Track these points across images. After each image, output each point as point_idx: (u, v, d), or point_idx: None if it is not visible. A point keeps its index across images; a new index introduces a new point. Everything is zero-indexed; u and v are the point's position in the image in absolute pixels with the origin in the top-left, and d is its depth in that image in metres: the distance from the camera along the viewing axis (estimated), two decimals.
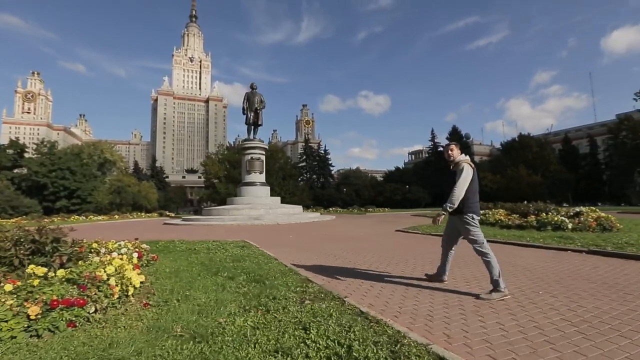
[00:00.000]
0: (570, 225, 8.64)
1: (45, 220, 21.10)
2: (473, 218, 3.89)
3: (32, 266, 3.15)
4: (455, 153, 4.11)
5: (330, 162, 67.48)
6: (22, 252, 4.05)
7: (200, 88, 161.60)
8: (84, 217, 23.31)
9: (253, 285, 3.96)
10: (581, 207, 10.68)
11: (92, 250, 5.17)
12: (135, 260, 4.48)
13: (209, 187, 61.51)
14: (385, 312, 3.24)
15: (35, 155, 47.33)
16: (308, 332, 2.54)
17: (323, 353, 2.19)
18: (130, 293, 3.38)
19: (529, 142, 48.90)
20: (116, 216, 26.20)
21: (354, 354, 2.17)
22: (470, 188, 3.90)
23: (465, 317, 3.12)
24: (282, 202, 52.34)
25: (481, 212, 13.20)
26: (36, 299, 2.65)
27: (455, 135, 55.43)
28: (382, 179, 76.55)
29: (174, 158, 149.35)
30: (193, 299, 3.42)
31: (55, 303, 2.63)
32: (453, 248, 4.36)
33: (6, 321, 2.44)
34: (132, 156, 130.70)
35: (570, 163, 53.54)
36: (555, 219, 8.95)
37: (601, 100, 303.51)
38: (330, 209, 36.08)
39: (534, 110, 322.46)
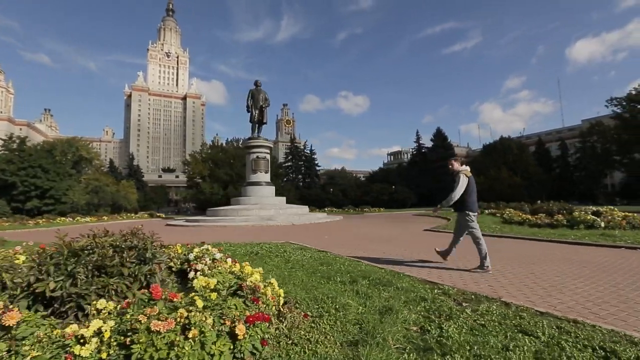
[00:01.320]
0: (602, 224, 9.02)
1: (30, 222, 19.46)
2: (469, 214, 5.17)
3: (201, 277, 2.77)
4: (456, 166, 5.44)
5: (316, 162, 67.36)
6: (128, 260, 3.61)
7: (177, 85, 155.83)
8: (71, 219, 21.65)
9: (390, 289, 3.75)
10: (598, 207, 11.20)
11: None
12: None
13: (192, 186, 59.57)
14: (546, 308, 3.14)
15: (2, 152, 43.67)
16: (532, 336, 2.43)
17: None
18: (281, 303, 3.06)
19: (509, 145, 51.17)
20: (104, 217, 24.60)
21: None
22: (466, 191, 5.17)
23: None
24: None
25: (504, 212, 13.38)
26: (229, 315, 2.30)
27: (439, 137, 56.99)
28: (363, 179, 77.48)
29: (149, 157, 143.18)
30: (349, 307, 3.15)
31: (251, 319, 2.30)
32: (461, 238, 5.55)
33: (214, 343, 2.09)
34: (104, 154, 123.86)
35: (544, 165, 56.59)
36: (588, 217, 9.32)
37: (566, 107, 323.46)
38: (325, 209, 35.91)
39: (505, 114, 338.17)
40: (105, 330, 2.00)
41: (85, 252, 3.59)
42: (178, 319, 2.11)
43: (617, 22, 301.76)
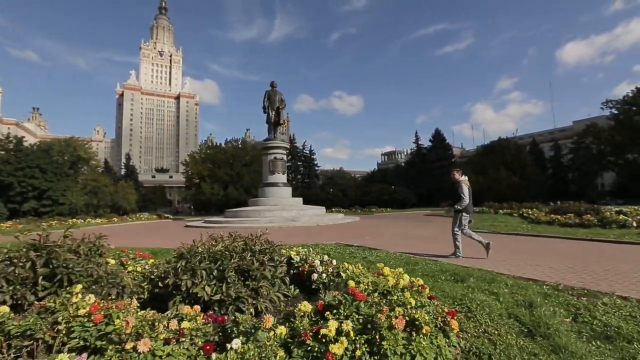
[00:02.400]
0: (634, 224, 9.46)
1: (43, 224, 19.15)
2: (465, 215, 6.73)
3: (389, 277, 2.95)
4: (457, 175, 6.91)
5: (315, 162, 67.53)
6: (267, 263, 3.77)
7: (170, 84, 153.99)
8: (82, 221, 21.35)
9: (502, 285, 4.03)
10: (621, 207, 11.68)
11: None
12: None
13: (190, 187, 59.03)
14: None
15: None
16: None
17: None
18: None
19: (507, 145, 52.29)
20: (115, 219, 24.30)
21: None
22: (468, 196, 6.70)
23: None
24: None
25: (522, 211, 13.84)
26: (435, 312, 2.51)
27: (438, 138, 57.88)
28: (359, 179, 78.08)
29: (142, 157, 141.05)
30: (486, 302, 3.37)
31: (452, 314, 2.51)
32: (457, 231, 6.76)
33: (435, 337, 2.29)
34: (95, 154, 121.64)
35: (538, 165, 57.94)
36: (619, 218, 9.78)
37: (556, 107, 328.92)
38: (333, 209, 36.10)
39: (497, 114, 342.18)
40: (348, 330, 2.17)
41: (226, 255, 3.74)
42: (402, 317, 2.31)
43: (606, 25, 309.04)
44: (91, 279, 3.90)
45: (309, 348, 2.15)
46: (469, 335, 2.71)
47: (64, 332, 2.37)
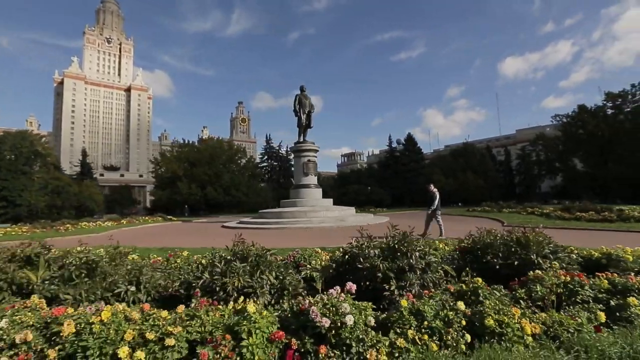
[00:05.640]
0: None
1: (60, 228, 17.56)
2: (437, 212, 11.94)
3: None
4: (431, 188, 12.45)
5: (291, 162, 67.85)
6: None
7: (119, 74, 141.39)
8: (94, 224, 19.66)
9: None
10: (621, 206, 14.71)
11: None
12: None
13: (162, 186, 55.50)
14: None
15: None
16: None
17: None
18: None
19: (473, 151, 58.11)
20: (123, 221, 22.59)
21: None
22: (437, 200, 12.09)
23: None
24: (248, 203, 50.68)
25: (536, 209, 16.73)
26: None
27: (410, 142, 62.18)
28: (327, 179, 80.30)
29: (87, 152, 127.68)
30: None
31: None
32: (430, 223, 11.96)
33: None
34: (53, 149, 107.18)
35: (491, 169, 65.21)
36: (635, 214, 12.55)
37: (495, 116, 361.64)
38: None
39: (446, 120, 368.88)
40: None
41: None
42: None
43: (538, 44, 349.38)
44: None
45: None
46: None
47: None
